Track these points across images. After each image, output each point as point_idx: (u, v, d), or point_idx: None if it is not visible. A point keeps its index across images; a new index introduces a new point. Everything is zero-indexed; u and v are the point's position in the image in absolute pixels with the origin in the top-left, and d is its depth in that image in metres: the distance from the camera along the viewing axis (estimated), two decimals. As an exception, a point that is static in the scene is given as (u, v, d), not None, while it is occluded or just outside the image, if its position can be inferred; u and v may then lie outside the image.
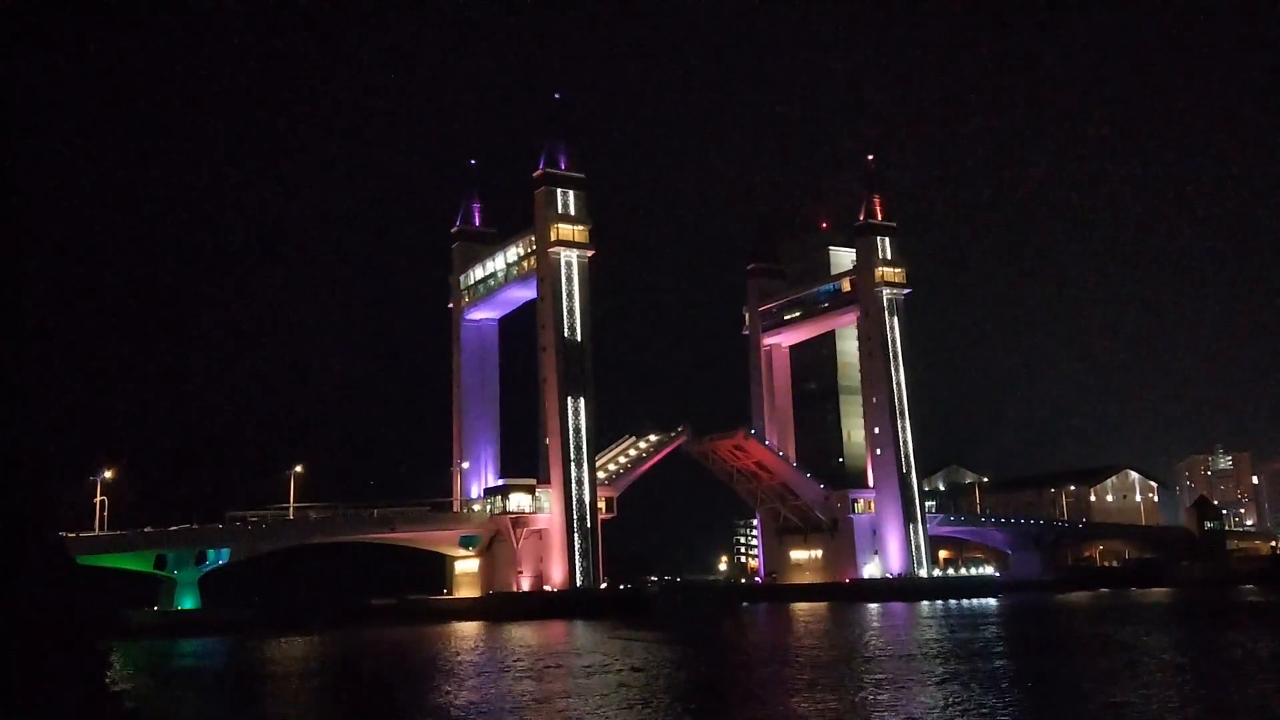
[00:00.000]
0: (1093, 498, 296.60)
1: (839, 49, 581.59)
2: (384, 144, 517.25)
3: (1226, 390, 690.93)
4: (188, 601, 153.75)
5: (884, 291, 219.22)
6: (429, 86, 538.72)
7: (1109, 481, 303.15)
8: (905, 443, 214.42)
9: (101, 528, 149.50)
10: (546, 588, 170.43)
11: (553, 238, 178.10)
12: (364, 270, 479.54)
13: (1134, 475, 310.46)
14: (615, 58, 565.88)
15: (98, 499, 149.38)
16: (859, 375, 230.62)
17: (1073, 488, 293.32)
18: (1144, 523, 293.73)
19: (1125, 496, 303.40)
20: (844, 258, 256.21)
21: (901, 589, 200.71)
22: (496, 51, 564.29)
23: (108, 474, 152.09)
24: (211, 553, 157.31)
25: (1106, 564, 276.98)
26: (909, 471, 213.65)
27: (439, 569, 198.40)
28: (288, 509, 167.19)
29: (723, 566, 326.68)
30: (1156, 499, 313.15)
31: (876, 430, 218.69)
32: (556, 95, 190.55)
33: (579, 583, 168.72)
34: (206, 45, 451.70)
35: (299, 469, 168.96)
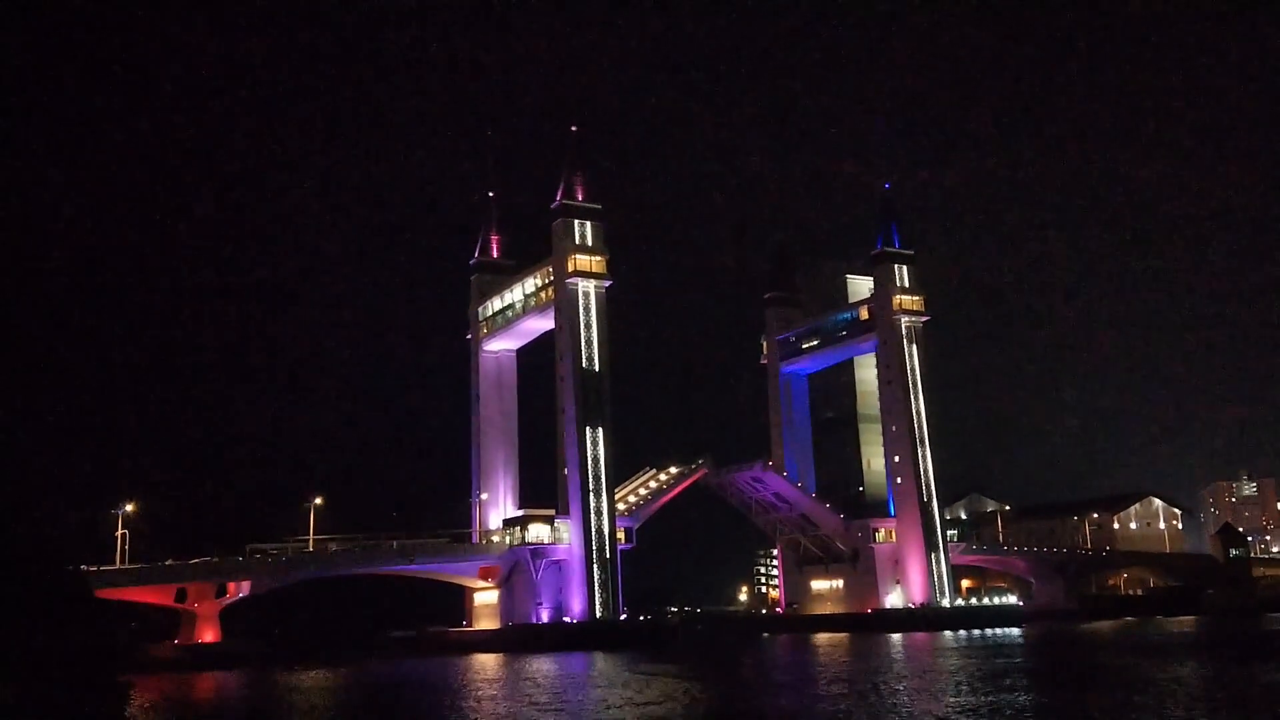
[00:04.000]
0: (1116, 525, 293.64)
1: (856, 78, 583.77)
2: (402, 176, 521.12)
3: (1250, 416, 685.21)
4: (208, 634, 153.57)
5: (902, 319, 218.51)
6: (447, 118, 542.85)
7: (1132, 509, 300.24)
8: (926, 471, 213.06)
9: (122, 561, 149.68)
10: (566, 619, 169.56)
11: (570, 268, 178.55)
12: (383, 302, 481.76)
13: (1158, 503, 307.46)
14: (632, 89, 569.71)
15: (119, 532, 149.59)
16: (878, 403, 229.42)
17: (1096, 515, 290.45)
18: (1168, 550, 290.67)
19: (1149, 524, 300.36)
20: (862, 286, 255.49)
21: (924, 619, 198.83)
22: (514, 83, 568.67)
23: (129, 507, 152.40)
24: (232, 585, 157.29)
25: (1131, 592, 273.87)
26: (930, 500, 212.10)
27: (458, 601, 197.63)
28: (307, 541, 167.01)
29: (743, 597, 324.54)
30: (1181, 526, 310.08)
31: (897, 459, 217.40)
32: (574, 127, 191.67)
33: (599, 614, 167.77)
34: (228, 80, 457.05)
35: (319, 501, 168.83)
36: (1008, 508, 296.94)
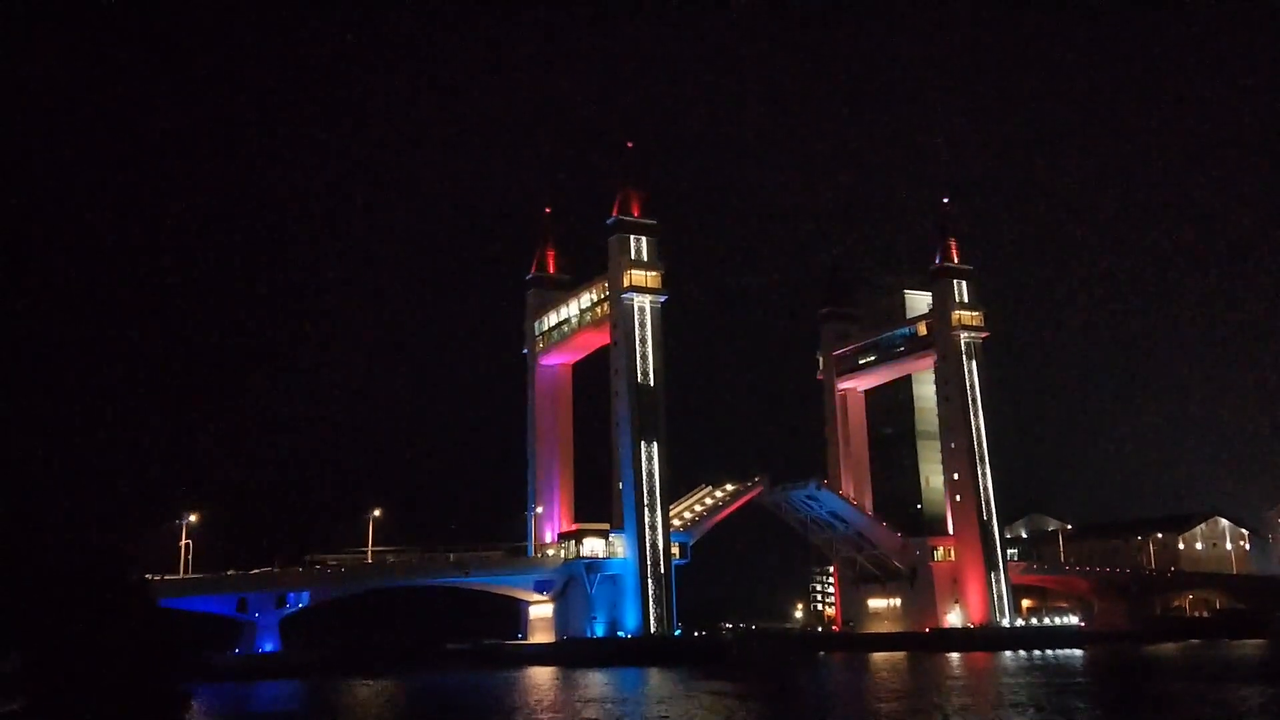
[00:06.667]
0: (1181, 545, 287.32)
1: (913, 92, 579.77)
2: (460, 192, 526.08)
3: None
4: (268, 644, 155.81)
5: (961, 335, 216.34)
6: (505, 134, 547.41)
7: (1198, 529, 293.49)
8: (985, 489, 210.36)
9: (186, 571, 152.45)
10: (620, 634, 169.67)
11: (626, 283, 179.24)
12: (440, 316, 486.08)
13: (1224, 522, 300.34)
14: (687, 104, 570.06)
15: (183, 542, 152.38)
16: (937, 420, 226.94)
17: (1160, 535, 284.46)
18: (1235, 571, 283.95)
19: (1215, 544, 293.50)
20: (920, 301, 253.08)
21: (983, 639, 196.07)
22: (570, 101, 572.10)
23: (193, 518, 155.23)
24: (291, 596, 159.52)
25: (1196, 614, 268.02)
26: (990, 518, 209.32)
27: (514, 613, 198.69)
28: (366, 553, 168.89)
29: (798, 614, 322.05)
30: (1248, 547, 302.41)
31: (955, 476, 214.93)
32: (629, 143, 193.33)
33: (653, 629, 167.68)
34: (280, 96, 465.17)
35: (377, 513, 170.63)
36: (1069, 526, 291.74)
